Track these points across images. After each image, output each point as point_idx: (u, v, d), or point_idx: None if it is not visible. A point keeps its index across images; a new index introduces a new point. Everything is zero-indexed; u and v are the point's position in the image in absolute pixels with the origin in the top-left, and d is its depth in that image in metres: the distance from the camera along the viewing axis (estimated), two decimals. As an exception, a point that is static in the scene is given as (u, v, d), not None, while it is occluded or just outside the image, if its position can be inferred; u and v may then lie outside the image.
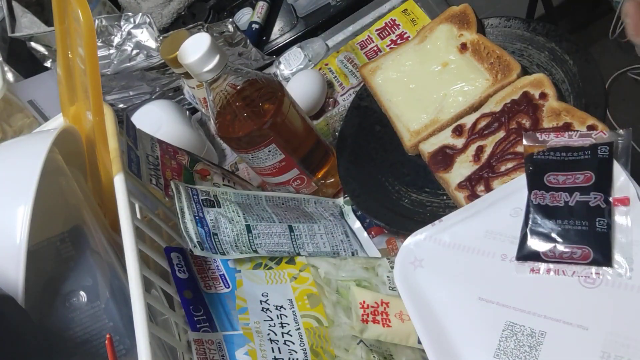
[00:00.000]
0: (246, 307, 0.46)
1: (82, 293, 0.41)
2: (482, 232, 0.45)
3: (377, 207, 0.58)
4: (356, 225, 0.60)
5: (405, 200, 0.58)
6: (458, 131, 0.56)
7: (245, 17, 0.90)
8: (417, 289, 0.45)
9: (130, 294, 0.36)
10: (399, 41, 0.75)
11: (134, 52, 0.78)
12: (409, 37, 0.75)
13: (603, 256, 0.39)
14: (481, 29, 0.61)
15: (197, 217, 0.49)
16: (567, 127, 0.49)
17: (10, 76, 0.79)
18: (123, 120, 0.51)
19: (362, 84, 0.69)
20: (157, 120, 0.74)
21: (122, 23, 0.78)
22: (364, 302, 0.47)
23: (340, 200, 0.63)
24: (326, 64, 0.79)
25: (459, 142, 0.55)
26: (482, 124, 0.54)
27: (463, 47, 0.60)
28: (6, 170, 0.40)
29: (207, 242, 0.48)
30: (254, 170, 0.62)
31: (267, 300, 0.47)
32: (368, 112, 0.66)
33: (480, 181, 0.51)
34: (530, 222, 0.43)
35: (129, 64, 0.78)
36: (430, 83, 0.60)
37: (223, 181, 0.60)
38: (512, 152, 0.51)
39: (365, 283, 0.50)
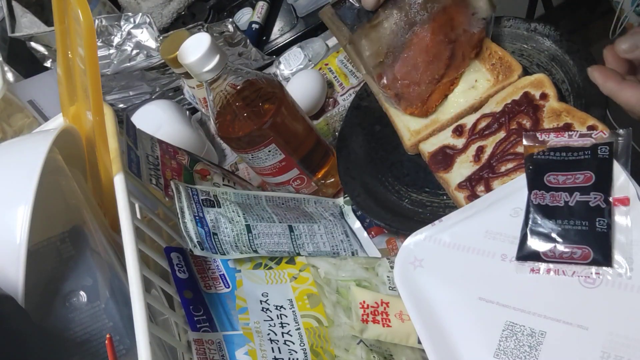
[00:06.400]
0: (246, 307, 0.46)
1: (82, 293, 0.41)
2: (482, 232, 0.45)
3: (377, 207, 0.58)
4: (356, 225, 0.60)
5: (405, 200, 0.58)
6: (458, 131, 0.56)
7: (245, 17, 0.90)
8: (417, 289, 0.45)
9: (130, 294, 0.36)
10: (399, 41, 0.75)
11: (134, 52, 0.78)
12: (409, 37, 0.75)
13: (603, 256, 0.39)
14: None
15: (197, 217, 0.49)
16: (567, 127, 0.49)
17: (10, 76, 0.79)
18: (123, 120, 0.51)
19: (362, 84, 0.69)
20: (157, 120, 0.75)
21: (122, 23, 0.78)
22: (364, 302, 0.47)
23: (340, 200, 0.63)
24: (326, 64, 0.79)
25: (459, 142, 0.55)
26: (483, 124, 0.54)
27: (463, 47, 0.60)
28: (6, 170, 0.40)
29: (207, 242, 0.48)
30: (254, 170, 0.62)
31: (267, 300, 0.47)
32: (368, 112, 0.66)
33: (481, 181, 0.51)
34: (530, 222, 0.43)
35: (129, 64, 0.78)
36: (431, 83, 0.60)
37: (223, 181, 0.60)
38: (513, 153, 0.51)
39: (365, 283, 0.50)
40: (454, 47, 0.58)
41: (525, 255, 0.42)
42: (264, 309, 0.46)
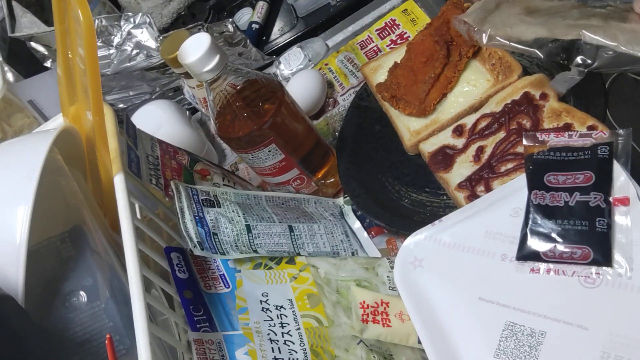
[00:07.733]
0: (246, 307, 0.46)
1: (82, 293, 0.41)
2: (482, 232, 0.45)
3: (377, 207, 0.58)
4: (356, 225, 0.60)
5: (405, 200, 0.58)
6: (458, 131, 0.56)
7: (245, 17, 0.90)
8: (417, 289, 0.45)
9: (130, 294, 0.36)
10: (399, 41, 0.75)
11: (134, 52, 0.78)
12: (409, 37, 0.75)
13: (603, 256, 0.39)
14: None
15: (197, 217, 0.49)
16: (567, 127, 0.49)
17: (10, 76, 0.79)
18: (123, 120, 0.51)
19: (362, 84, 0.69)
20: (157, 120, 0.74)
21: (122, 23, 0.78)
22: (364, 302, 0.47)
23: (340, 200, 0.63)
24: (326, 64, 0.79)
25: (459, 142, 0.55)
26: (483, 124, 0.54)
27: (463, 47, 0.60)
28: (6, 170, 0.40)
29: (207, 242, 0.48)
30: (254, 170, 0.62)
31: (267, 300, 0.47)
32: (368, 112, 0.66)
33: (480, 181, 0.51)
34: (530, 222, 0.43)
35: (129, 64, 0.78)
36: (431, 83, 0.60)
37: (223, 181, 0.60)
38: (513, 153, 0.51)
39: (365, 283, 0.50)
40: (450, 46, 0.58)
41: (525, 255, 0.42)
42: (264, 309, 0.46)
